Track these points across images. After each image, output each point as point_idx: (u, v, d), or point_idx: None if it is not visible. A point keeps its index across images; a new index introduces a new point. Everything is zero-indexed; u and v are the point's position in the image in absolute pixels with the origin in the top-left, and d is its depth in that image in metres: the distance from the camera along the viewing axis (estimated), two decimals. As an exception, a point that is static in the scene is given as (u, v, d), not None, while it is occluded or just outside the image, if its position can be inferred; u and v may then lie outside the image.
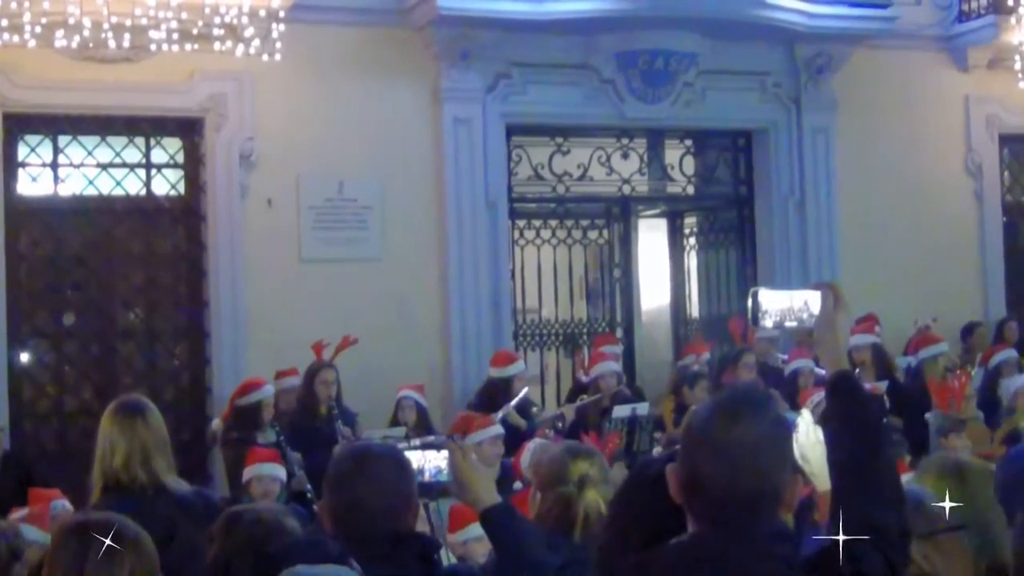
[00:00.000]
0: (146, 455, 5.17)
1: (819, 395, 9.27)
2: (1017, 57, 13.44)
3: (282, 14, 11.00)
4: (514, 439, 9.92)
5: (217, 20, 10.79)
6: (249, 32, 10.92)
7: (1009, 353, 11.63)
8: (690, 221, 14.62)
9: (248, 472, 8.35)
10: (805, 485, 3.10)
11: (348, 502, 3.52)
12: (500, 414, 10.32)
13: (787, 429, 2.75)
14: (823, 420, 3.05)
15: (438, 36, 12.05)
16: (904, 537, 2.84)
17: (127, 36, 10.60)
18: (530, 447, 8.36)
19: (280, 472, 8.51)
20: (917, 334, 12.11)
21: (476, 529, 5.23)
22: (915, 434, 10.04)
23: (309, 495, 8.86)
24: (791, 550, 2.68)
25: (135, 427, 5.22)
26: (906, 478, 3.39)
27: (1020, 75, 13.49)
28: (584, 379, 11.59)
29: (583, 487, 4.30)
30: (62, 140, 11.74)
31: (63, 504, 7.10)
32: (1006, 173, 14.70)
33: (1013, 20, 13.42)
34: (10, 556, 4.29)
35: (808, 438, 3.35)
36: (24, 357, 11.65)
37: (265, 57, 11.04)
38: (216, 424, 10.58)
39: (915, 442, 9.96)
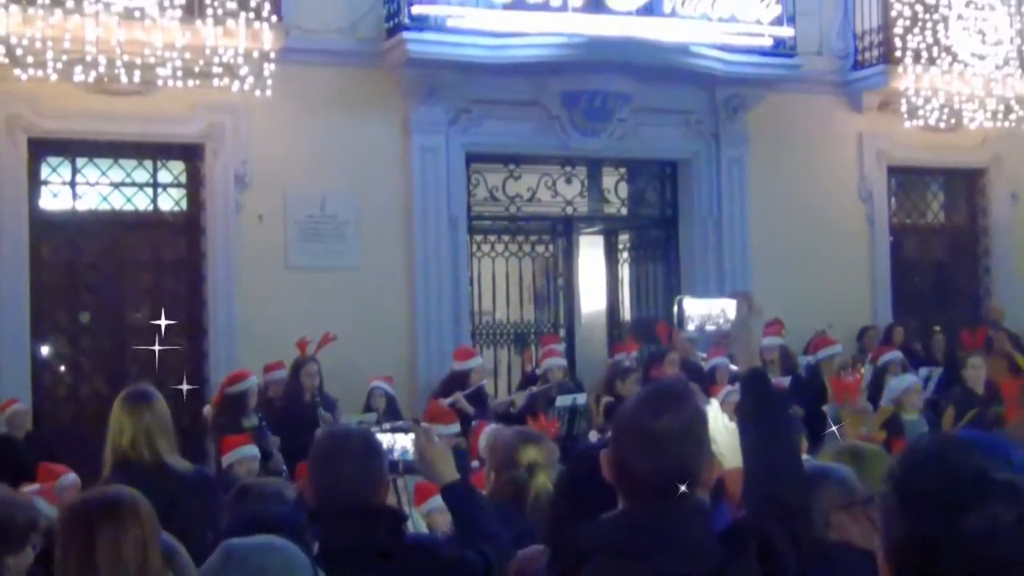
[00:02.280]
0: (151, 437, 5.14)
1: (731, 388, 9.36)
2: (903, 100, 13.59)
3: (273, 55, 10.99)
4: (463, 423, 10.01)
5: (216, 60, 10.80)
6: (244, 71, 10.91)
7: (895, 354, 11.75)
8: (624, 238, 14.67)
9: (229, 457, 8.28)
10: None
11: (328, 479, 3.52)
12: (450, 399, 10.39)
13: (704, 419, 2.76)
14: (737, 410, 3.08)
15: (408, 76, 12.05)
16: (805, 509, 2.87)
17: (138, 72, 10.59)
18: (486, 431, 8.38)
19: (255, 451, 8.45)
20: (815, 337, 12.21)
21: (437, 501, 5.24)
22: (813, 422, 10.12)
23: (284, 475, 8.80)
24: (708, 523, 2.69)
25: (142, 412, 5.19)
26: (804, 459, 3.43)
27: (906, 116, 13.66)
28: (538, 371, 11.63)
29: (533, 472, 4.33)
30: (79, 162, 11.71)
31: (72, 478, 7.00)
32: (893, 200, 14.82)
33: (901, 69, 13.58)
34: (27, 525, 4.25)
35: (716, 423, 3.39)
36: (45, 350, 11.58)
37: (258, 92, 11.02)
38: (207, 410, 10.53)
39: (812, 429, 10.04)
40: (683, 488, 2.63)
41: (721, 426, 3.05)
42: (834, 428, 9.35)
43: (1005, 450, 1.93)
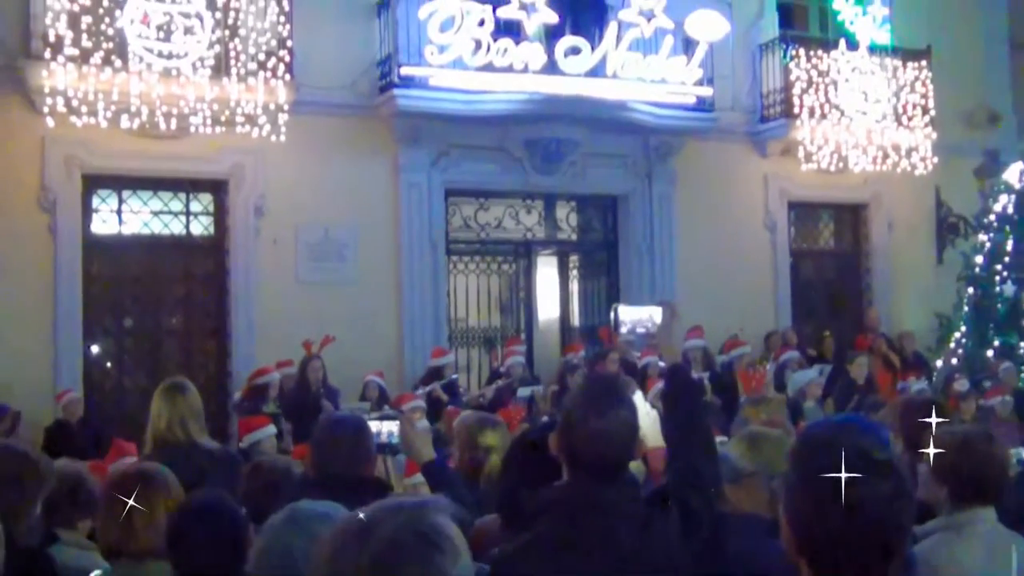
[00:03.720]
0: (184, 421, 5.11)
1: (661, 384, 9.38)
2: (801, 148, 13.72)
3: (286, 107, 10.98)
4: (438, 408, 9.97)
5: (239, 110, 10.80)
6: (262, 120, 10.90)
7: (793, 353, 11.83)
8: (573, 259, 14.65)
9: (256, 435, 8.19)
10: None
11: (326, 455, 3.50)
12: (427, 388, 10.42)
13: (635, 408, 2.78)
14: (661, 397, 3.09)
15: (397, 125, 12.05)
16: (716, 479, 2.88)
17: (174, 120, 10.58)
18: (459, 418, 8.37)
19: (274, 430, 8.38)
20: (729, 339, 12.26)
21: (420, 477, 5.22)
22: (729, 410, 10.15)
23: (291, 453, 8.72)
24: (637, 490, 2.73)
25: (177, 400, 5.16)
26: (719, 440, 3.45)
27: (803, 160, 13.78)
28: (503, 368, 11.64)
29: (489, 454, 4.33)
30: (125, 194, 11.65)
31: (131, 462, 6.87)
32: (792, 229, 14.90)
33: (799, 122, 13.71)
34: (96, 495, 4.21)
35: (640, 410, 3.39)
36: (95, 349, 11.50)
37: (273, 138, 11.00)
38: (237, 396, 10.50)
39: (728, 415, 10.07)
40: (618, 462, 2.66)
41: (643, 413, 3.06)
42: (741, 415, 9.34)
43: (880, 433, 1.94)
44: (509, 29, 11.90)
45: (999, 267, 13.14)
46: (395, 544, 1.45)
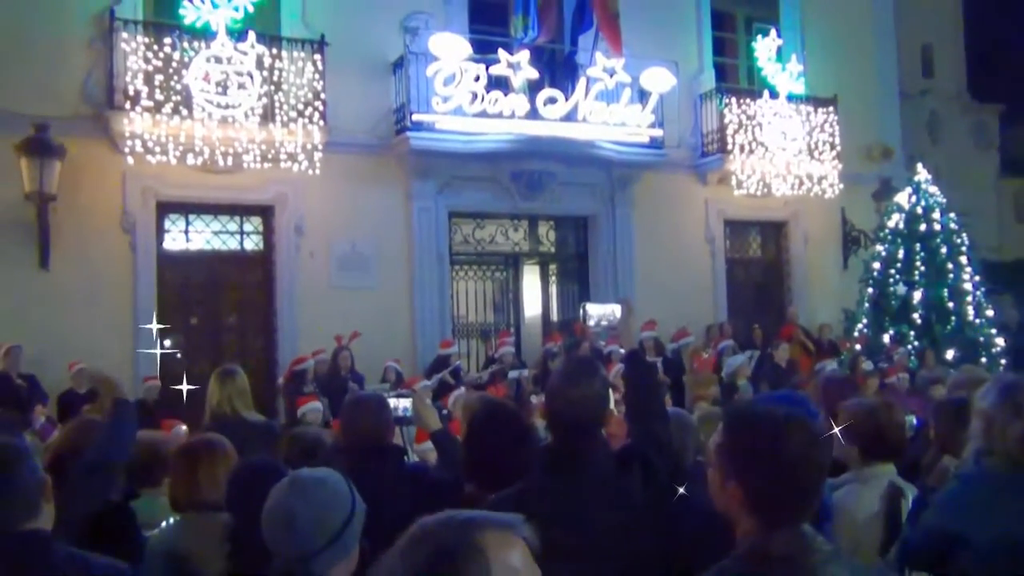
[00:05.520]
0: (232, 399, 5.09)
1: (621, 366, 9.33)
2: (734, 177, 13.73)
3: (320, 147, 10.94)
4: (445, 390, 9.94)
5: (283, 150, 10.77)
6: (301, 157, 10.87)
7: (729, 342, 11.82)
8: (552, 267, 14.64)
9: (304, 409, 8.20)
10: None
11: (353, 426, 3.47)
12: (439, 376, 10.38)
13: (606, 381, 2.78)
14: (622, 376, 3.07)
15: (410, 161, 12.01)
16: (669, 440, 2.87)
17: (230, 158, 10.55)
18: (454, 395, 8.38)
19: (319, 406, 8.37)
20: (677, 331, 12.25)
21: (429, 443, 5.17)
22: (676, 387, 10.15)
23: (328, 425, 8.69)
24: (608, 449, 2.72)
25: (226, 383, 5.15)
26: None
27: (735, 187, 13.79)
28: (496, 355, 11.62)
29: None
30: (191, 217, 11.58)
31: (183, 430, 6.89)
32: (727, 241, 14.85)
33: (732, 156, 13.71)
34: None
35: None
36: (167, 342, 11.39)
37: (310, 172, 10.97)
38: (280, 381, 10.45)
39: (676, 392, 10.07)
40: (593, 428, 2.65)
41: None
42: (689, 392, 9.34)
43: (801, 402, 1.93)
44: (499, 83, 11.89)
45: (893, 271, 13.16)
46: (440, 551, 1.32)
